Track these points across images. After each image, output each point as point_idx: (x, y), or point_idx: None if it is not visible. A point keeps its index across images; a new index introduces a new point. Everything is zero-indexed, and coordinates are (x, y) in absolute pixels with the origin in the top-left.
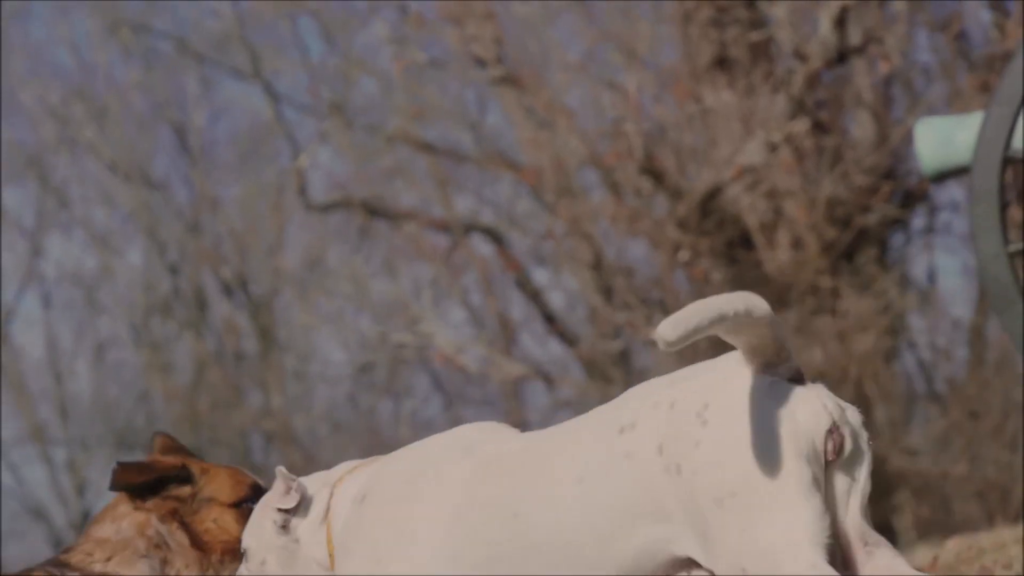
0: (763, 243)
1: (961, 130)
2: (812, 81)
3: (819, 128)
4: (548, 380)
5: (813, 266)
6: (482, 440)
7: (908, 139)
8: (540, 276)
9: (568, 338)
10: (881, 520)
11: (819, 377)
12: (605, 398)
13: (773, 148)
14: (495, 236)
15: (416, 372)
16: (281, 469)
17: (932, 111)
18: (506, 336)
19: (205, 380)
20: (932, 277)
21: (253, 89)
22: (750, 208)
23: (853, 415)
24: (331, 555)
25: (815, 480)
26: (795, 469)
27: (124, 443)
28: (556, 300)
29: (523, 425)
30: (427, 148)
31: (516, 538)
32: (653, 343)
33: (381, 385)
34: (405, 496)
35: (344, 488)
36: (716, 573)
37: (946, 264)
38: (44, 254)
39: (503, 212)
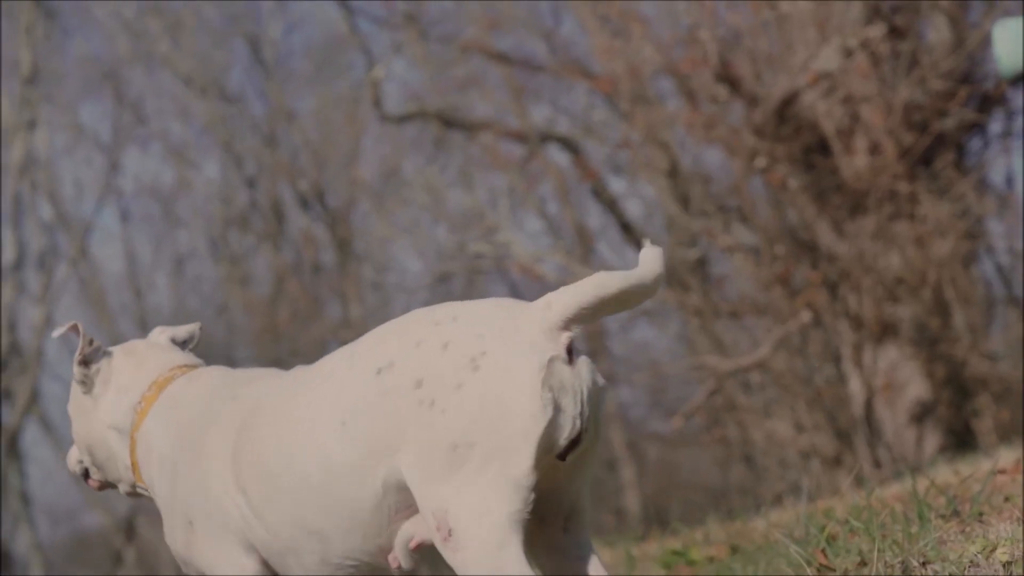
0: (840, 149)
1: None
2: None
3: (895, 33)
4: None
5: (890, 171)
6: (247, 382)
7: (985, 42)
8: (616, 185)
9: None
10: (961, 425)
11: (898, 283)
12: (683, 306)
13: (849, 53)
14: (571, 145)
15: (493, 281)
16: (78, 325)
17: (1009, 13)
18: (583, 245)
19: (284, 292)
20: (1010, 181)
21: (327, 1)
22: (827, 114)
23: (599, 400)
24: (134, 464)
25: (537, 466)
26: (528, 453)
27: (203, 356)
28: (632, 209)
29: (601, 334)
30: (501, 58)
31: (291, 477)
32: (732, 249)
33: (458, 295)
34: (193, 447)
35: (155, 410)
36: (425, 504)
37: None
38: (121, 169)
39: (578, 121)
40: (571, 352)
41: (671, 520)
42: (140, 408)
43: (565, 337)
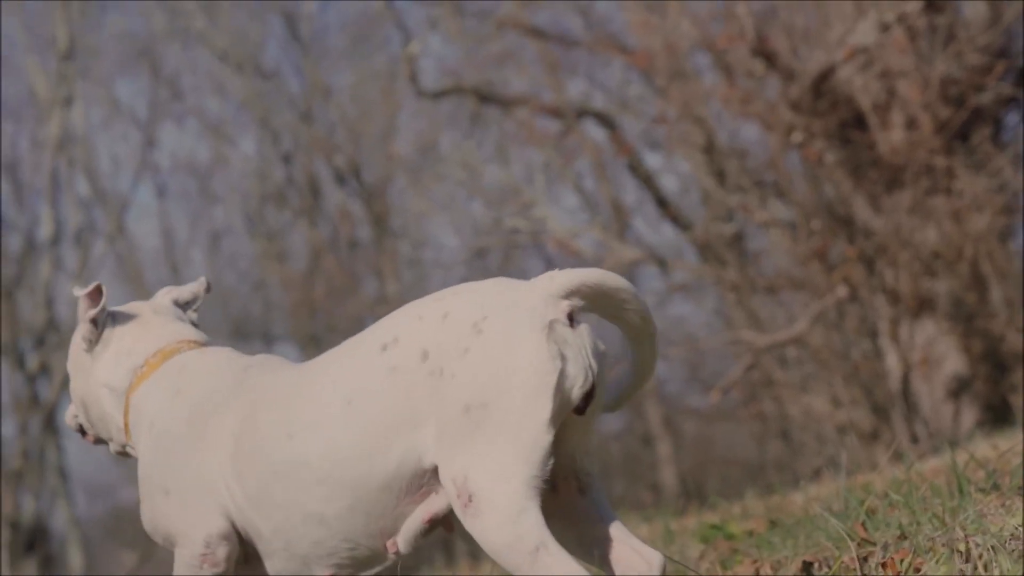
0: (877, 124)
1: None
2: None
3: (932, 7)
4: (662, 264)
5: (927, 146)
6: (254, 371)
7: (1021, 17)
8: (652, 160)
9: (681, 222)
10: (998, 399)
11: (935, 258)
12: (719, 281)
13: (886, 28)
14: (607, 121)
15: (530, 257)
16: (102, 285)
17: None
18: (619, 220)
19: (320, 268)
20: None
21: None
22: (863, 88)
23: (602, 362)
24: (126, 425)
25: (554, 420)
26: (545, 407)
27: (240, 332)
28: (669, 184)
29: None
30: (537, 33)
31: (289, 462)
32: (768, 224)
33: (495, 270)
34: (192, 428)
35: (156, 378)
36: (445, 472)
37: None
38: (158, 144)
39: (614, 96)
40: (571, 319)
41: (709, 495)
42: (141, 372)
43: (565, 304)
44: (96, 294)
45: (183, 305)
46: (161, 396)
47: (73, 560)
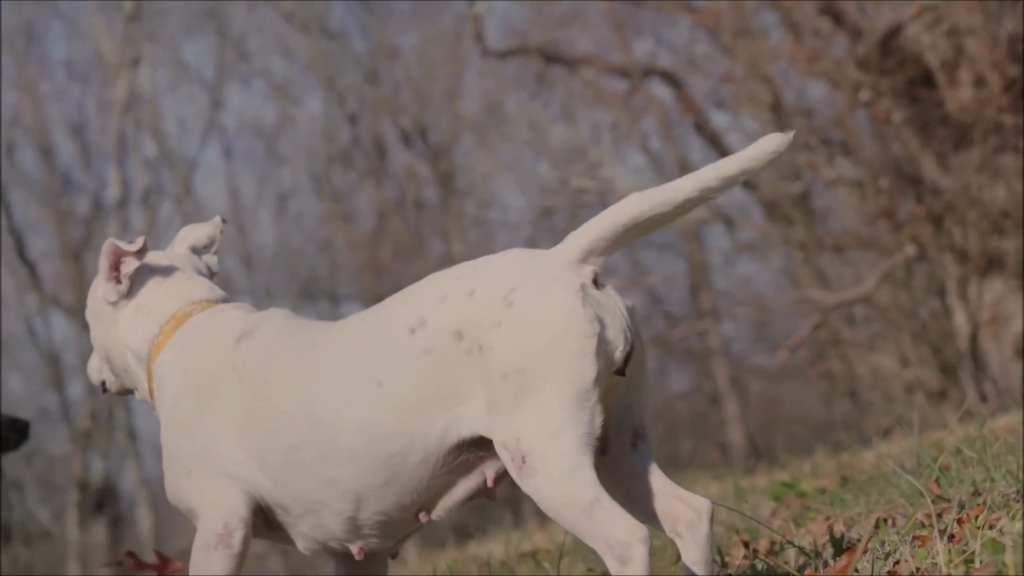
0: (945, 82)
1: None
2: None
3: None
4: (729, 222)
5: (995, 104)
6: (259, 334)
7: None
8: (719, 119)
9: (748, 181)
10: None
11: (1003, 216)
12: (786, 240)
13: None
14: (673, 80)
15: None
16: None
17: None
18: None
19: (386, 228)
20: None
21: None
22: (931, 46)
23: (636, 319)
24: (151, 392)
25: (598, 381)
26: (589, 368)
27: (307, 292)
28: (735, 143)
29: (704, 268)
30: None
31: (318, 443)
32: (836, 183)
33: (561, 230)
34: (196, 412)
35: (171, 348)
36: (498, 439)
37: None
38: (224, 106)
39: (681, 55)
40: (596, 283)
41: (777, 453)
42: (158, 341)
43: (588, 270)
44: (143, 252)
45: (201, 250)
46: (174, 373)
47: (142, 520)
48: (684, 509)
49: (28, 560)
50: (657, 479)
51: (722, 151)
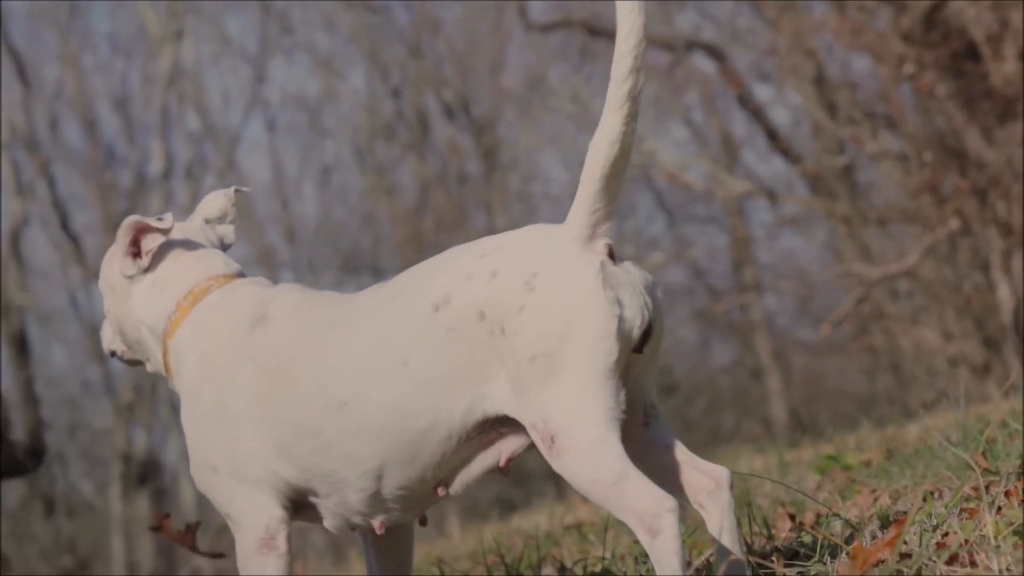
0: (989, 55)
1: None
2: None
3: None
4: (772, 196)
5: None
6: (273, 315)
7: None
8: (762, 92)
9: (791, 154)
10: None
11: None
12: (830, 214)
13: None
14: (716, 53)
15: (640, 190)
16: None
17: None
18: (729, 153)
19: (429, 202)
20: None
21: None
22: (976, 19)
23: (655, 294)
24: (167, 366)
25: (619, 360)
26: (611, 350)
27: (350, 265)
28: (779, 116)
29: (748, 242)
30: None
31: (344, 423)
32: (879, 156)
33: None
34: (214, 400)
35: (188, 325)
36: (526, 420)
37: None
38: (268, 79)
39: (724, 28)
40: (612, 257)
41: (821, 427)
42: (174, 318)
43: (601, 245)
44: (169, 231)
45: (214, 221)
46: (192, 356)
47: (185, 493)
48: (704, 479)
49: (72, 533)
50: (675, 452)
51: (765, 125)
